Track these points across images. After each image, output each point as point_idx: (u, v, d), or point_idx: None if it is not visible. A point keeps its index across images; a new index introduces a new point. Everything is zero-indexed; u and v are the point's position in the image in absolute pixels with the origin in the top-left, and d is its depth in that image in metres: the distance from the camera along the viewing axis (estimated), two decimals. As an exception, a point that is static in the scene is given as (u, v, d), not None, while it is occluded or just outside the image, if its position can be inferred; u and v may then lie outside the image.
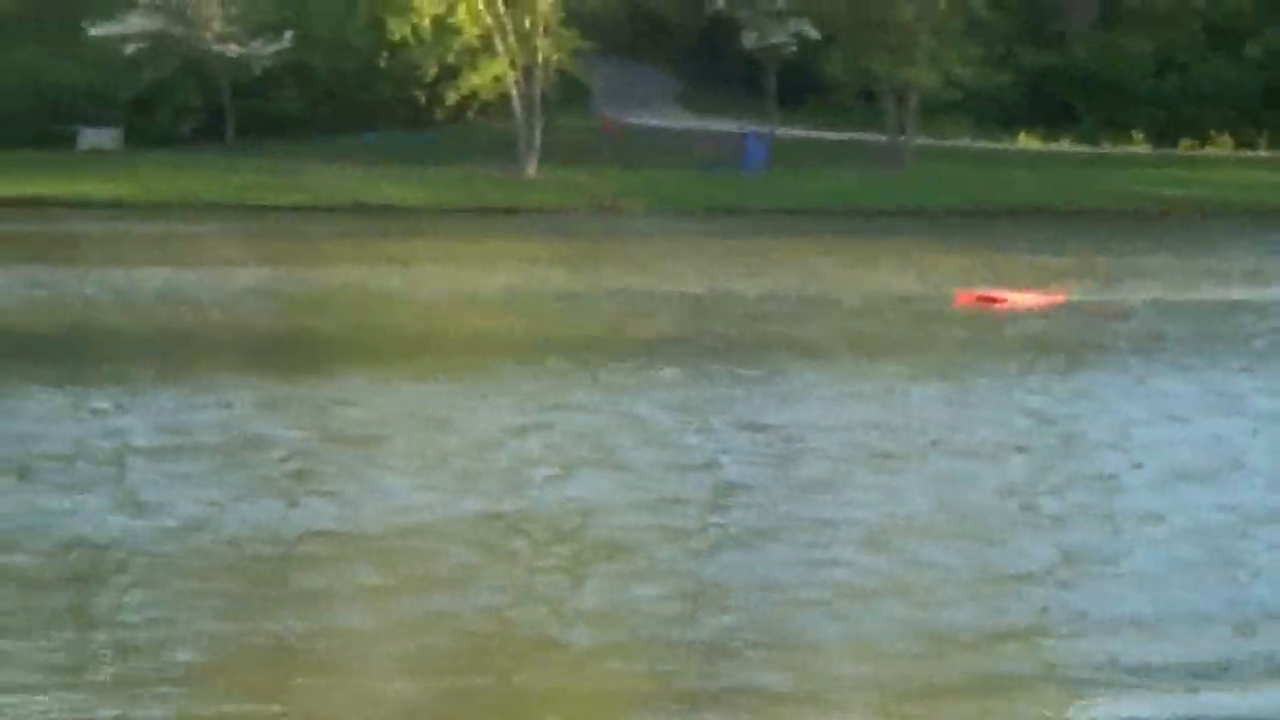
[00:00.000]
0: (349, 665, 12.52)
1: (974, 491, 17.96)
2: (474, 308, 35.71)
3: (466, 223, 62.13)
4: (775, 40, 77.15)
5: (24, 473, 18.69)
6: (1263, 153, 78.09)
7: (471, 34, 70.76)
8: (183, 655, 12.64)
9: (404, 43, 71.09)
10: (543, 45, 72.08)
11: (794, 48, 77.26)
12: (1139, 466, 19.31)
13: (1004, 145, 78.56)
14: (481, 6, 70.87)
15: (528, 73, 72.27)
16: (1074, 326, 31.17)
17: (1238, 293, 38.18)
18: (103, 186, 68.07)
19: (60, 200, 66.42)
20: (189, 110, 79.17)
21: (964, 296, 33.01)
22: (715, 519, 16.77)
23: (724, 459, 19.66)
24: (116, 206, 65.55)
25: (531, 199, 67.49)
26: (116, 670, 12.34)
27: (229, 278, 41.05)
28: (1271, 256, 47.87)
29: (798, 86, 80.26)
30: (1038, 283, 39.32)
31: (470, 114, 76.46)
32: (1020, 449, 20.24)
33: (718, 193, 68.22)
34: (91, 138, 76.99)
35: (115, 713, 11.52)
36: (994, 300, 32.55)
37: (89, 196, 66.88)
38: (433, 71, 71.55)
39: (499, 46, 71.62)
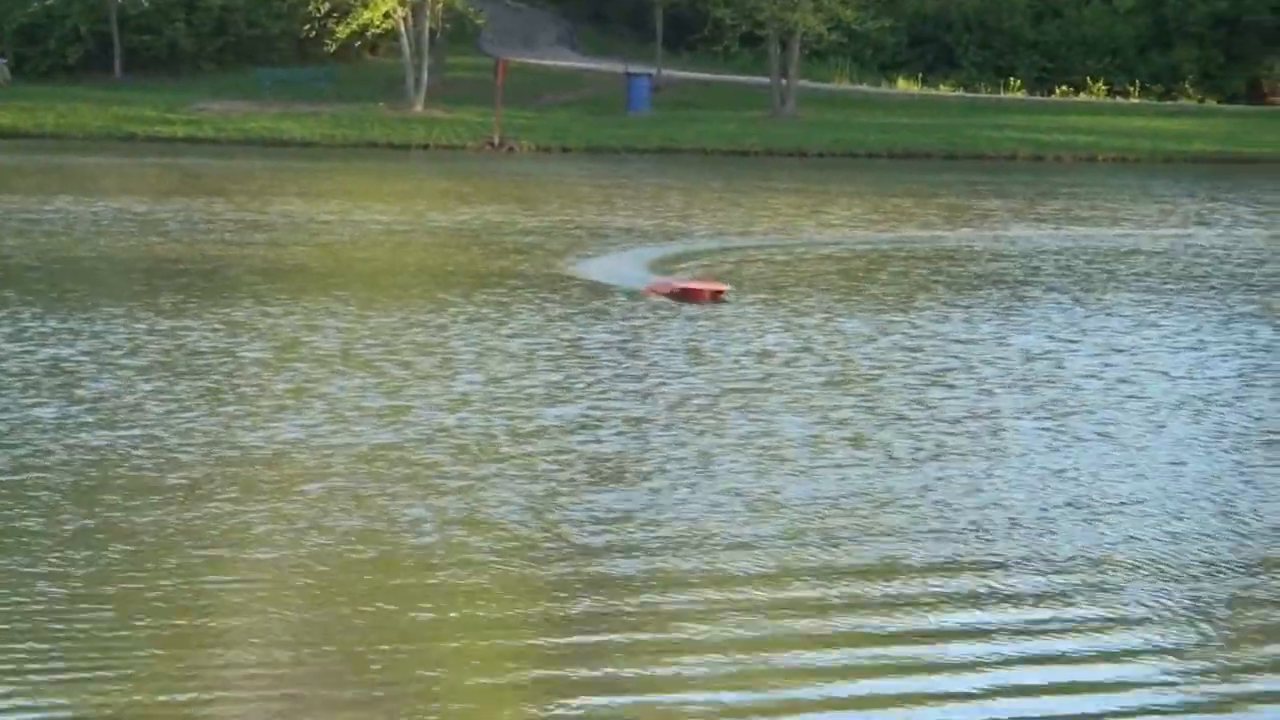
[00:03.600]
0: (370, 560, 13.30)
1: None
2: (391, 241, 36.29)
3: (358, 159, 62.49)
4: (662, -17, 77.78)
5: (7, 388, 19.19)
6: (1135, 100, 79.81)
7: (363, -32, 70.82)
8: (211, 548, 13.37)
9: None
10: (432, -18, 72.34)
11: (681, -10, 77.96)
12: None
13: (883, 90, 79.76)
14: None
15: (416, 10, 72.46)
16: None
17: (1118, 234, 39.55)
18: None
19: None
20: (76, 40, 78.53)
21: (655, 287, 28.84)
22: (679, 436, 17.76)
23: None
24: (10, 137, 65.32)
25: (420, 136, 67.82)
26: (145, 580, 12.93)
27: (148, 208, 41.41)
28: (1143, 201, 49.33)
29: (684, 29, 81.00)
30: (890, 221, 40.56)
31: (360, 50, 76.56)
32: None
33: (602, 133, 68.91)
34: (-21, 67, 76.53)
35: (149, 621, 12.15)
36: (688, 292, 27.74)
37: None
38: (323, 7, 71.46)
39: (389, -18, 71.75)
